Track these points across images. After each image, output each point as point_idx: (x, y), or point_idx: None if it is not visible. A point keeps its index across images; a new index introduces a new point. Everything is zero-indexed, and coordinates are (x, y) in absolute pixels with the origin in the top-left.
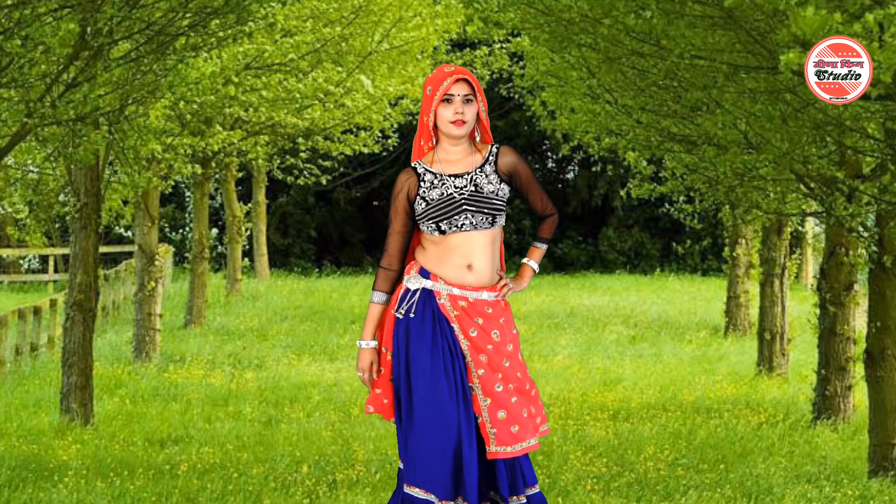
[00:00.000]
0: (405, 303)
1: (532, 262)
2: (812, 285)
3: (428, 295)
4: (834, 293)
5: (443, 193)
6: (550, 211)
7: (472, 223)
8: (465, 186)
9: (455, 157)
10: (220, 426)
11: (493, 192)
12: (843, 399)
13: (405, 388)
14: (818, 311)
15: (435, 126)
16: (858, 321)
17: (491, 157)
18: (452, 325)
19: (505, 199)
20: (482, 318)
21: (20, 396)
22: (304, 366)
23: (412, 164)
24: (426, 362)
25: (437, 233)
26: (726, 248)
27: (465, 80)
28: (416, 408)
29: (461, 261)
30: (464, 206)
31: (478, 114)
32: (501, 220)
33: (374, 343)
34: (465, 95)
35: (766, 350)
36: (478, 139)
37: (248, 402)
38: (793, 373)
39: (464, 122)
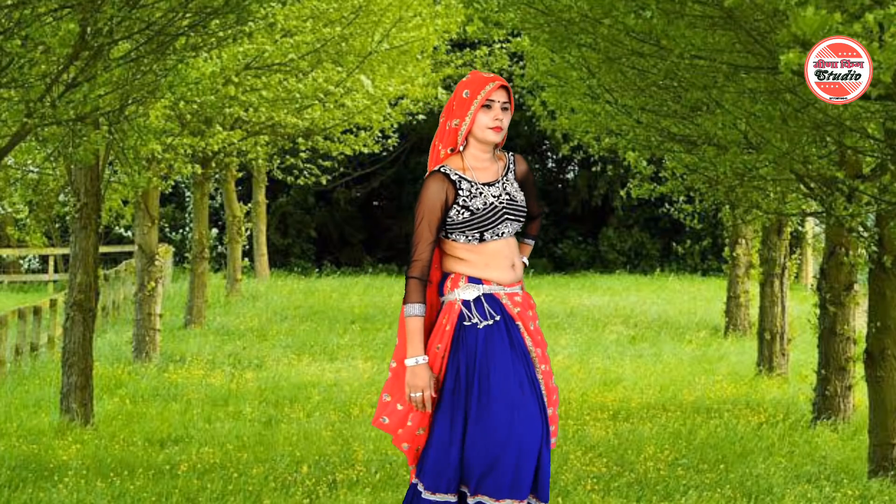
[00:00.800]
0: (475, 312)
1: (524, 258)
2: (812, 285)
3: (491, 299)
4: (834, 293)
5: (486, 202)
6: (538, 211)
7: (509, 231)
8: (500, 195)
9: (484, 164)
10: (220, 426)
11: (521, 200)
12: (843, 399)
13: (475, 396)
14: (818, 311)
15: (467, 131)
16: (858, 321)
17: (511, 166)
18: (517, 322)
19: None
20: (531, 311)
21: (20, 396)
22: (304, 366)
23: (442, 170)
24: (508, 367)
25: (476, 241)
26: (726, 248)
27: (505, 88)
28: (494, 411)
29: (506, 262)
30: (505, 215)
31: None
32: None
33: (426, 357)
34: (504, 103)
35: (766, 350)
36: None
37: (248, 402)
38: (793, 373)
39: (501, 129)
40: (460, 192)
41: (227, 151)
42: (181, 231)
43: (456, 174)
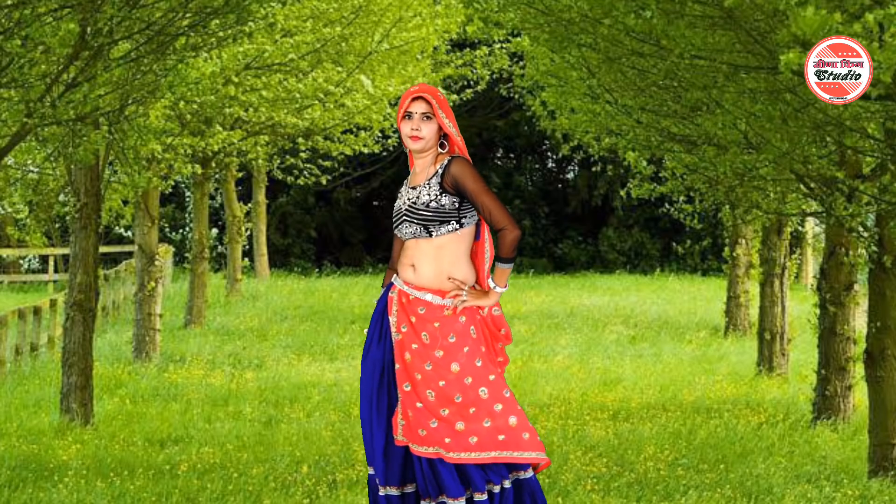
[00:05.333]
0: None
1: (493, 283)
2: (812, 285)
3: (389, 289)
4: (834, 293)
5: (398, 204)
6: (501, 225)
7: (411, 232)
8: (411, 198)
9: (420, 169)
10: (220, 426)
11: (424, 203)
12: (843, 399)
13: None
14: (818, 311)
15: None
16: (858, 321)
17: (440, 170)
18: (390, 317)
19: (442, 210)
20: (416, 318)
21: (20, 396)
22: (304, 366)
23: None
24: (366, 347)
25: (401, 239)
26: (726, 248)
27: (423, 99)
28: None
29: (406, 260)
30: (404, 217)
31: (445, 131)
32: (442, 230)
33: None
34: (423, 113)
35: (766, 350)
36: (442, 151)
37: (248, 402)
38: (793, 373)
39: (419, 138)
40: (398, 195)
41: (227, 151)
42: (181, 231)
43: (407, 178)
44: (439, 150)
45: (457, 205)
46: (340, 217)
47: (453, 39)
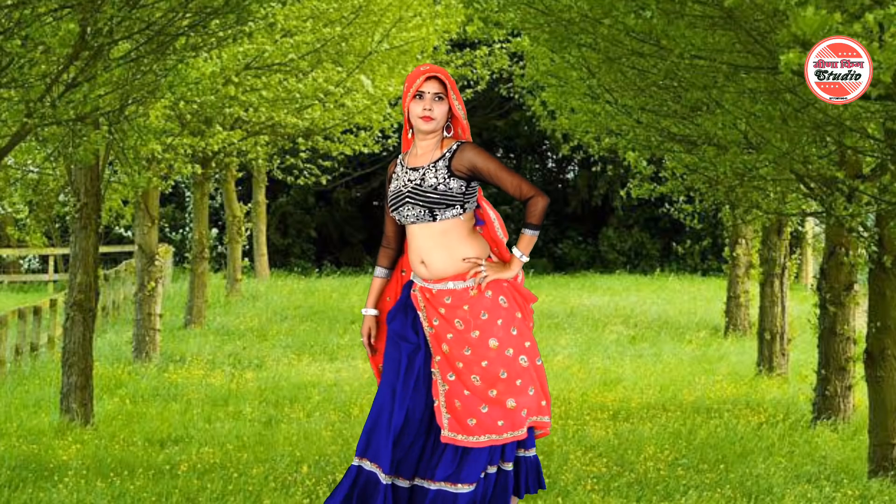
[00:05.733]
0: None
1: (517, 250)
2: (812, 285)
3: (410, 285)
4: (834, 293)
5: (396, 185)
6: (530, 194)
7: (414, 216)
8: (414, 180)
9: (423, 151)
10: (220, 426)
11: (431, 186)
12: (843, 399)
13: None
14: (818, 311)
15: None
16: (858, 321)
17: (448, 154)
18: (419, 312)
19: (450, 194)
20: (444, 308)
21: (20, 396)
22: (304, 366)
23: (398, 155)
24: (389, 343)
25: (400, 222)
26: (726, 248)
27: (437, 79)
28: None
29: (415, 256)
30: (406, 199)
31: (453, 112)
32: (447, 214)
33: (374, 311)
34: (436, 93)
35: (766, 350)
36: (448, 135)
37: (248, 402)
38: (793, 373)
39: (431, 119)
40: (393, 175)
41: (227, 151)
42: (181, 231)
43: (400, 159)
44: (444, 133)
45: (464, 189)
46: (340, 217)
47: (453, 39)
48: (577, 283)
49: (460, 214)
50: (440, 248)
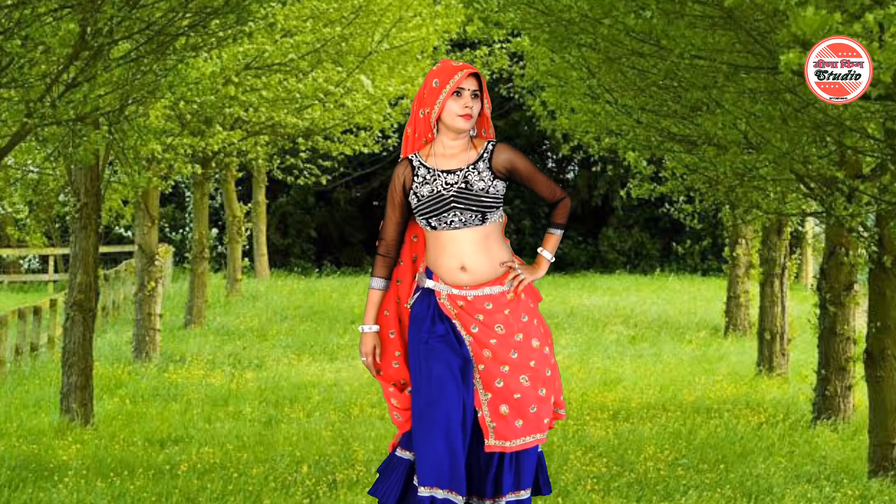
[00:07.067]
0: (413, 296)
1: (546, 252)
2: (812, 285)
3: (430, 293)
4: (834, 293)
5: (433, 190)
6: (560, 195)
7: (461, 220)
8: (456, 183)
9: (451, 151)
10: (220, 426)
11: (483, 189)
12: (843, 399)
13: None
14: (818, 311)
15: (436, 119)
16: (858, 321)
17: (486, 154)
18: (454, 321)
19: (498, 196)
20: (483, 315)
21: (20, 396)
22: (304, 366)
23: (408, 157)
24: (419, 358)
25: (429, 228)
26: (726, 248)
27: (474, 76)
28: (415, 403)
29: (453, 262)
30: (453, 204)
31: (482, 112)
32: (495, 217)
33: (375, 327)
34: (474, 90)
35: (766, 350)
36: (473, 134)
37: (248, 402)
38: (793, 373)
39: (471, 117)
40: (416, 178)
41: (227, 151)
42: (181, 231)
43: (419, 161)
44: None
45: (504, 190)
46: (340, 217)
47: (453, 39)
48: (577, 283)
49: (500, 217)
50: (483, 253)
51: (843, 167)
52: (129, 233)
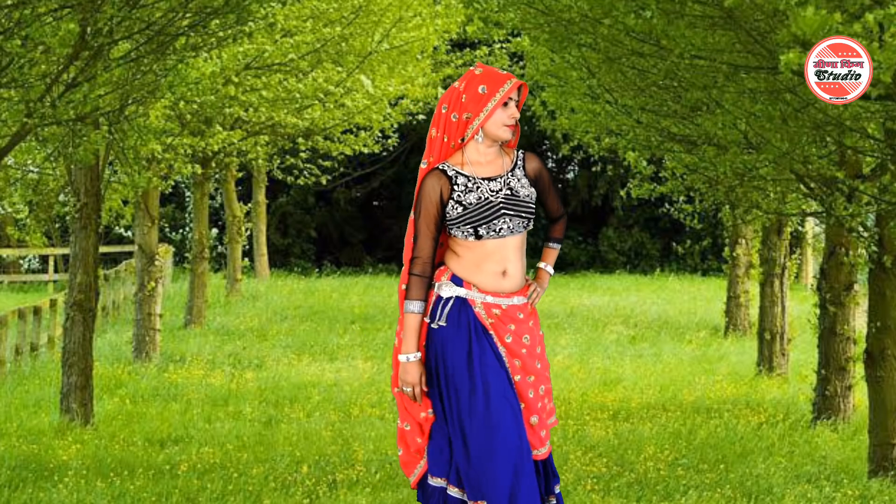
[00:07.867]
0: (439, 312)
1: (549, 266)
2: (812, 285)
3: (462, 303)
4: (834, 293)
5: (480, 197)
6: (562, 210)
7: (509, 227)
8: (500, 190)
9: (487, 158)
10: (220, 426)
11: (527, 195)
12: (843, 399)
13: (447, 400)
14: (818, 311)
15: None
16: (858, 321)
17: (519, 162)
18: (490, 332)
19: (534, 204)
20: (514, 324)
21: (20, 396)
22: (304, 366)
23: (439, 167)
24: (464, 373)
25: (472, 238)
26: (726, 248)
27: (520, 87)
28: (466, 423)
29: (496, 267)
30: (502, 210)
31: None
32: (531, 224)
33: (418, 354)
34: (517, 101)
35: (766, 350)
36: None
37: (248, 402)
38: (793, 373)
39: (515, 127)
40: (455, 187)
41: (227, 151)
42: (181, 231)
43: (453, 170)
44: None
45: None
46: (340, 217)
47: (453, 39)
48: (577, 283)
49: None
50: (520, 260)
51: (843, 167)
52: (129, 233)
